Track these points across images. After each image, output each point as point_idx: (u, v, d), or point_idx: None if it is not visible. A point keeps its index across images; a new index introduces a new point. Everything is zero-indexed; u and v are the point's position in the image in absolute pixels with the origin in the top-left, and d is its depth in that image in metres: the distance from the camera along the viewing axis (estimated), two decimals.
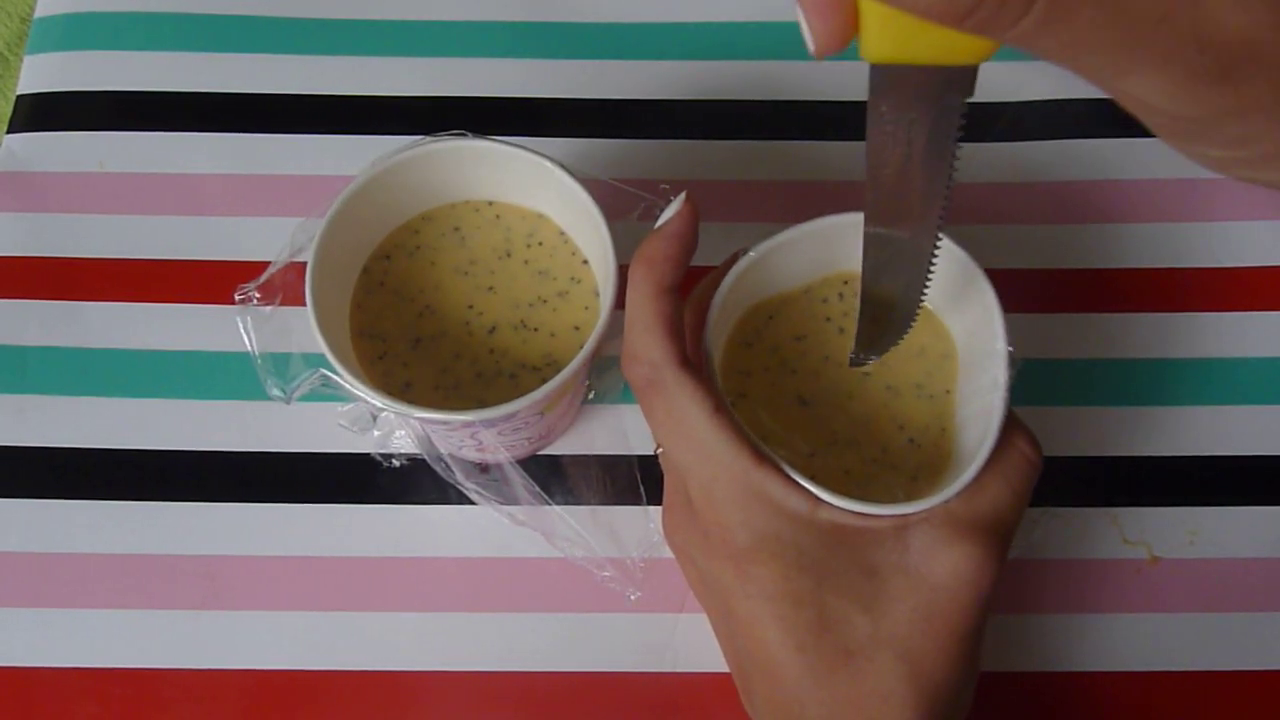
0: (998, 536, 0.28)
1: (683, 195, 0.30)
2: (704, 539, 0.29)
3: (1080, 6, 0.17)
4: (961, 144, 0.22)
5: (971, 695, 0.29)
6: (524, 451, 0.39)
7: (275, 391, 0.34)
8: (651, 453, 0.36)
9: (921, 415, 0.31)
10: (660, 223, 0.30)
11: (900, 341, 0.29)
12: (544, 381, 0.31)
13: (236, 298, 0.34)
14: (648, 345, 0.28)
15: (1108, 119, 0.46)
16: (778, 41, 0.48)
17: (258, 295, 0.34)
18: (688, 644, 0.37)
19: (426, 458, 0.35)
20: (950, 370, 0.32)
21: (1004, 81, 0.47)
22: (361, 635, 0.37)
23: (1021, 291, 0.42)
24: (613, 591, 0.37)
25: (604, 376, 0.40)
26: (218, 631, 0.37)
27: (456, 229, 0.36)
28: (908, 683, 0.27)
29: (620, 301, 0.32)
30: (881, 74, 0.21)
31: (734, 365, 0.32)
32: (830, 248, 0.32)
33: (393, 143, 0.34)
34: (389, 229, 0.36)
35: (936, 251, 0.25)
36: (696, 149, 0.46)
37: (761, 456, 0.27)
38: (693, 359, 0.29)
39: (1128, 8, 0.17)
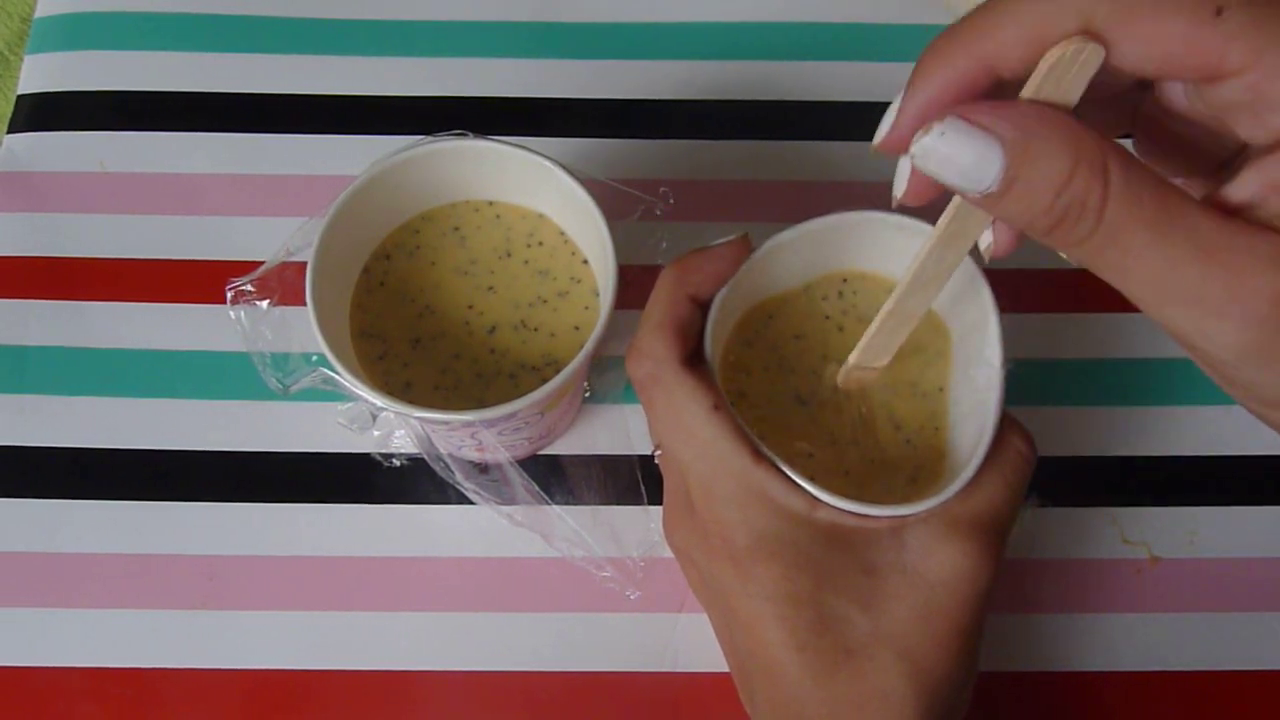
0: (994, 533, 0.28)
1: (744, 235, 0.30)
2: (704, 539, 0.29)
3: (1130, 242, 0.20)
4: None
5: (971, 693, 0.30)
6: (524, 451, 0.39)
7: (273, 382, 0.34)
8: (650, 453, 0.36)
9: (917, 414, 0.31)
10: (714, 243, 0.30)
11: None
12: (544, 381, 0.31)
13: (228, 292, 0.34)
14: (653, 342, 0.28)
15: None
16: (778, 41, 0.48)
17: (251, 289, 0.34)
18: (688, 644, 0.37)
19: (426, 458, 0.35)
20: (944, 368, 0.32)
21: None
22: (361, 635, 0.37)
23: (1021, 291, 0.42)
24: (612, 591, 0.37)
25: (603, 376, 0.40)
26: (218, 631, 0.37)
27: (456, 229, 0.36)
28: (908, 681, 0.27)
29: (619, 302, 0.32)
30: None
31: (734, 364, 0.32)
32: (830, 247, 0.32)
33: (393, 143, 0.34)
34: (389, 229, 0.36)
35: None
36: (696, 149, 0.46)
37: (760, 455, 0.27)
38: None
39: (1169, 252, 0.20)
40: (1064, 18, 0.20)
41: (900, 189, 0.24)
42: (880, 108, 0.24)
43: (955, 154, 0.20)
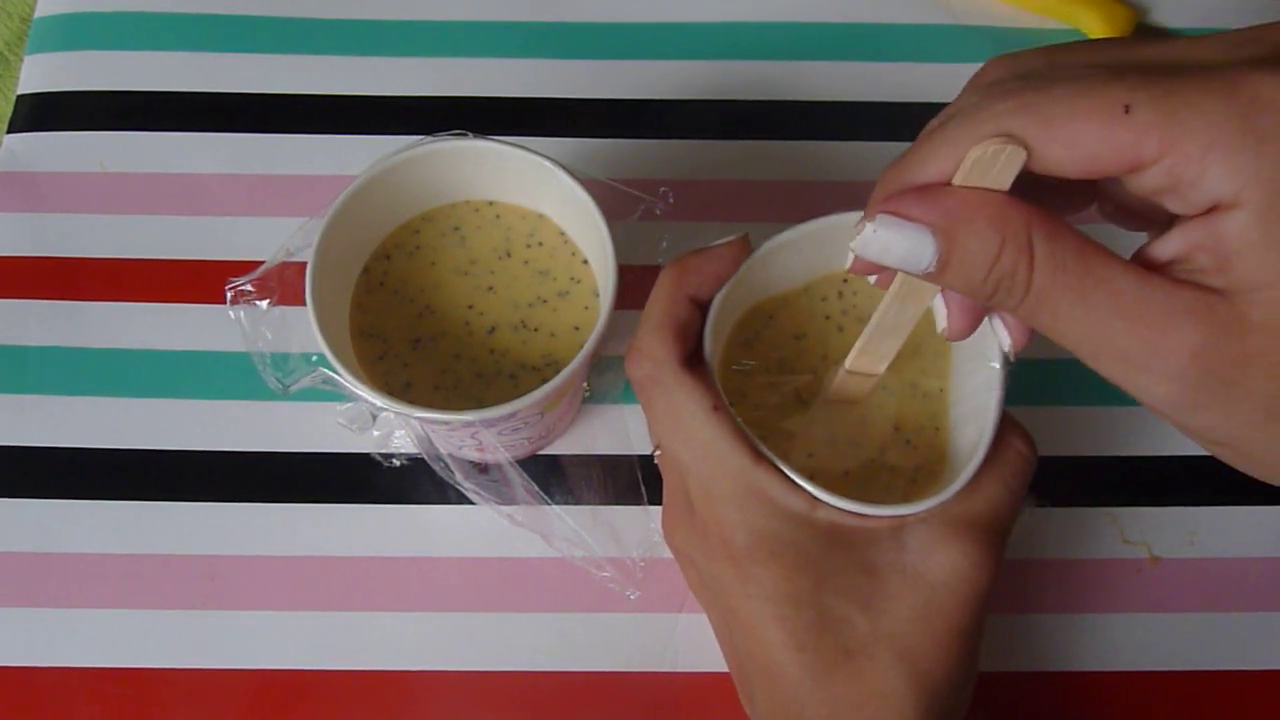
0: (995, 534, 0.28)
1: (744, 235, 0.30)
2: (703, 539, 0.29)
3: (1057, 306, 0.22)
4: None
5: (971, 693, 0.30)
6: (524, 452, 0.39)
7: (273, 382, 0.34)
8: (650, 453, 0.36)
9: (916, 415, 0.31)
10: (714, 244, 0.30)
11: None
12: (544, 381, 0.31)
13: (228, 292, 0.34)
14: (652, 343, 0.28)
15: None
16: (778, 41, 0.48)
17: (251, 289, 0.34)
18: (688, 644, 0.37)
19: (426, 458, 0.35)
20: (944, 368, 0.32)
21: None
22: (361, 635, 0.37)
23: None
24: (612, 591, 0.37)
25: (602, 376, 0.40)
26: (218, 631, 0.37)
27: (456, 229, 0.36)
28: (907, 681, 0.27)
29: (619, 302, 0.32)
30: None
31: (733, 364, 0.32)
32: (830, 247, 0.32)
33: (393, 143, 0.34)
34: (389, 229, 0.36)
35: None
36: (696, 149, 0.46)
37: (760, 455, 0.27)
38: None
39: (1092, 314, 0.21)
40: (986, 136, 0.22)
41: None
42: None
43: (891, 245, 0.23)
